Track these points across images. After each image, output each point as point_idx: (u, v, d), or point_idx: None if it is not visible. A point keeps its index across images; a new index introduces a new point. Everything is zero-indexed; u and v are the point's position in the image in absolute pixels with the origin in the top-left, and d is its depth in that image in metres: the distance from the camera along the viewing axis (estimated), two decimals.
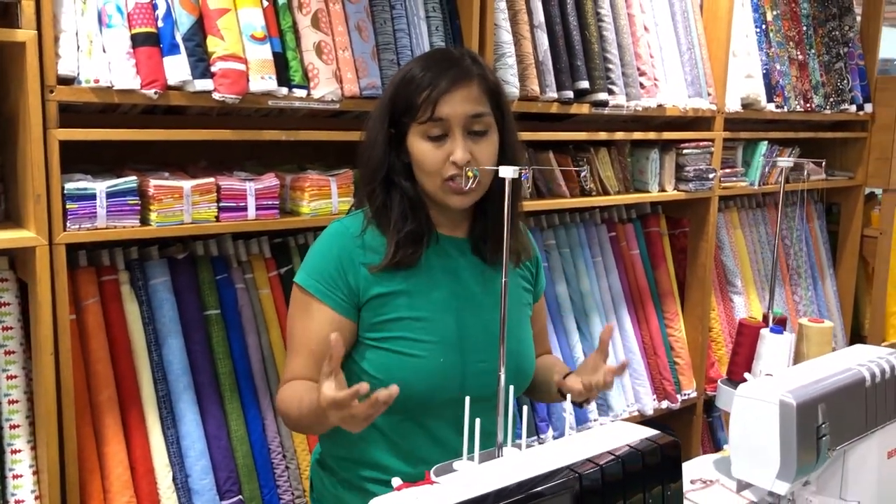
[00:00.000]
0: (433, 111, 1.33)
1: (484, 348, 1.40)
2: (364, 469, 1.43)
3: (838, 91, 3.29)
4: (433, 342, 1.37)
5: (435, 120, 1.33)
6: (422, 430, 1.40)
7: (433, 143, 1.35)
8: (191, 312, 1.87)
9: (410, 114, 1.35)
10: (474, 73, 1.37)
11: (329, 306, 1.36)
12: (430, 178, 1.37)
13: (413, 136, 1.36)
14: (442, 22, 2.09)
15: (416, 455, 1.40)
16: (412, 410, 1.38)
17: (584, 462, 0.97)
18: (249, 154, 2.14)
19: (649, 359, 2.75)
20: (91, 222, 1.62)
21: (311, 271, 1.39)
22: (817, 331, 1.68)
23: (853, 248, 3.59)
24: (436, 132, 1.34)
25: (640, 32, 2.56)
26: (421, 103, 1.34)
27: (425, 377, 1.36)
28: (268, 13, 1.79)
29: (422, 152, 1.36)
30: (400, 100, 1.37)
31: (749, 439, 1.25)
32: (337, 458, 1.47)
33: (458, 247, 1.46)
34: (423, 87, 1.34)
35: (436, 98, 1.33)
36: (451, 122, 1.34)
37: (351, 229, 1.41)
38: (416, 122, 1.35)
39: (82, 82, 1.60)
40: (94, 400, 1.73)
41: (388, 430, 1.40)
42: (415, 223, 1.39)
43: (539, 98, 2.24)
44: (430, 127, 1.34)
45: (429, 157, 1.35)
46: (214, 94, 1.71)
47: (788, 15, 3.12)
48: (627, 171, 2.64)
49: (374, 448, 1.42)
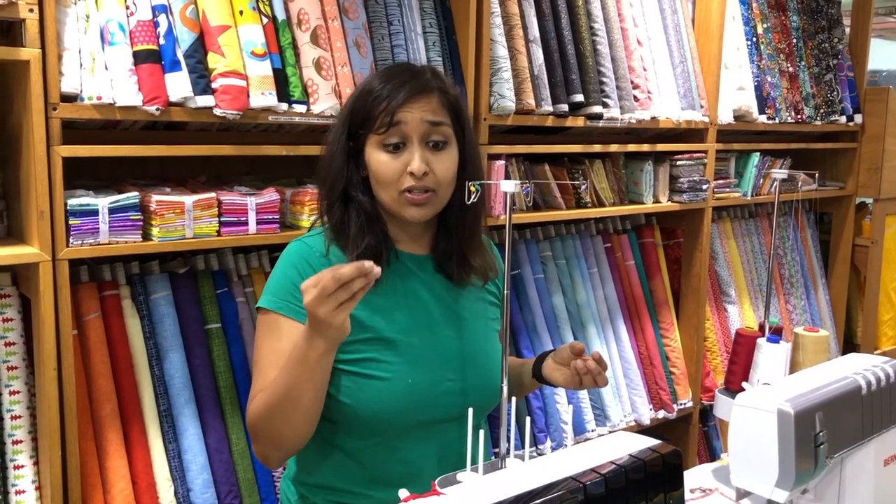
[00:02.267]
0: (391, 120, 1.32)
1: (451, 367, 1.39)
2: (334, 494, 1.41)
3: (828, 102, 3.33)
4: (400, 363, 1.35)
5: (392, 126, 1.32)
6: (393, 454, 1.38)
7: (390, 154, 1.34)
8: (192, 326, 1.88)
9: (368, 125, 1.34)
10: (434, 86, 1.36)
11: (298, 321, 1.31)
12: (387, 190, 1.35)
13: (370, 148, 1.35)
14: (439, 37, 2.12)
15: (386, 479, 1.36)
16: (382, 433, 1.37)
17: (587, 472, 0.98)
18: (248, 169, 2.15)
19: (645, 369, 2.77)
20: (94, 238, 1.63)
21: (277, 292, 1.35)
22: (813, 340, 1.70)
23: (845, 257, 3.62)
24: (393, 141, 1.33)
25: (634, 46, 2.59)
26: (379, 114, 1.33)
27: (394, 399, 1.33)
28: (268, 30, 1.82)
29: (378, 163, 1.34)
30: (358, 112, 1.36)
31: (748, 448, 1.27)
32: (308, 486, 1.44)
33: (418, 263, 1.43)
34: (382, 98, 1.33)
35: (394, 108, 1.32)
36: (409, 131, 1.33)
37: (314, 248, 1.38)
38: (374, 133, 1.34)
39: (85, 99, 1.61)
40: (97, 415, 1.74)
41: (359, 456, 1.38)
42: (372, 237, 1.36)
43: (535, 111, 2.27)
44: (387, 136, 1.33)
45: (385, 168, 1.33)
46: (215, 109, 1.73)
47: (779, 28, 3.16)
48: (622, 183, 2.67)
49: (345, 475, 1.40)
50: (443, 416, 1.38)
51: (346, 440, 1.38)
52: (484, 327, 1.48)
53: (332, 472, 1.41)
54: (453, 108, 1.39)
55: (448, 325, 1.42)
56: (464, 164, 1.41)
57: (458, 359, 1.41)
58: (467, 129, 1.42)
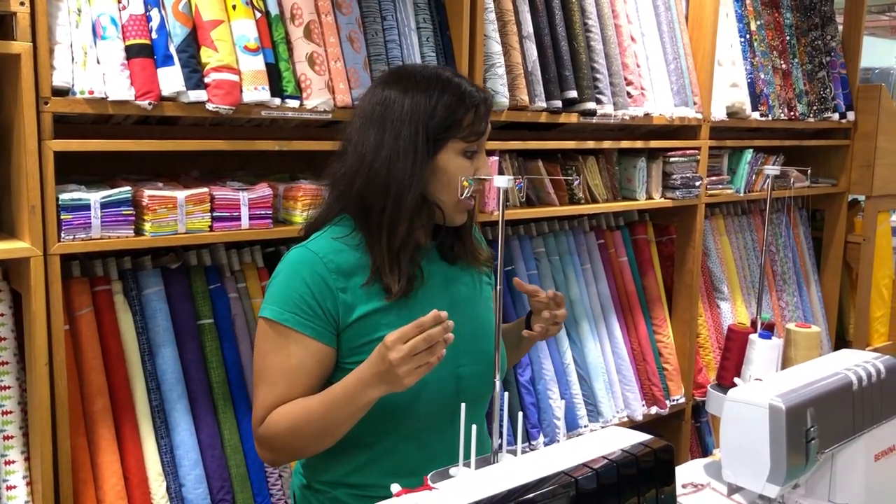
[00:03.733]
0: (483, 129, 1.36)
1: (462, 352, 1.40)
2: (354, 489, 1.41)
3: (821, 99, 3.34)
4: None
5: (481, 135, 1.36)
6: (412, 443, 1.39)
7: (468, 160, 1.36)
8: (184, 322, 1.88)
9: (454, 129, 1.34)
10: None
11: (309, 336, 1.31)
12: (454, 196, 1.36)
13: (451, 152, 1.35)
14: (432, 33, 2.11)
15: (407, 469, 1.37)
16: (401, 424, 1.37)
17: (579, 467, 0.98)
18: (240, 164, 2.15)
19: (638, 365, 2.77)
20: (85, 233, 1.63)
21: (282, 302, 1.32)
22: (805, 336, 1.70)
23: (837, 254, 3.63)
24: (473, 149, 1.37)
25: (627, 42, 2.60)
26: (472, 120, 1.35)
27: (413, 389, 1.32)
28: (261, 25, 1.81)
29: (458, 166, 1.35)
30: (447, 116, 1.34)
31: (740, 443, 1.28)
32: (325, 483, 1.44)
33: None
34: (474, 104, 1.35)
35: (483, 115, 1.36)
36: (483, 140, 1.38)
37: (320, 254, 1.34)
38: (461, 139, 1.35)
39: (77, 94, 1.61)
40: (88, 410, 1.73)
41: (380, 450, 1.39)
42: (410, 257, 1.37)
43: (528, 108, 2.27)
44: (473, 144, 1.36)
45: (463, 171, 1.35)
46: (208, 104, 1.72)
47: (772, 25, 3.17)
48: (615, 180, 2.67)
49: (366, 469, 1.40)
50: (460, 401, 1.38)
51: (368, 436, 1.38)
52: (487, 311, 1.51)
53: (352, 469, 1.41)
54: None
55: (457, 310, 1.41)
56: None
57: (469, 342, 1.42)
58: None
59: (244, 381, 1.94)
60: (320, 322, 1.32)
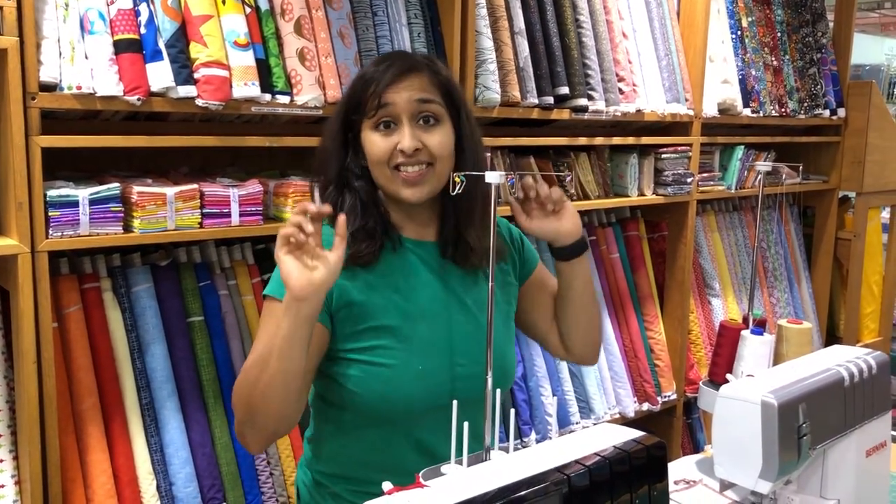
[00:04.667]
0: (379, 102, 1.33)
1: (462, 351, 1.39)
2: (357, 484, 1.41)
3: (812, 96, 3.35)
4: (408, 349, 1.35)
5: (381, 108, 1.33)
6: (409, 442, 1.38)
7: (382, 134, 1.34)
8: (174, 319, 1.86)
9: (361, 110, 1.35)
10: (423, 65, 1.37)
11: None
12: (381, 170, 1.35)
13: (365, 133, 1.36)
14: (424, 28, 2.10)
15: (404, 467, 1.33)
16: (397, 421, 1.36)
17: (572, 464, 0.98)
18: (230, 160, 2.14)
19: (630, 361, 2.77)
20: (74, 229, 1.61)
21: (277, 279, 1.33)
22: (797, 332, 1.70)
23: (828, 250, 3.64)
24: (384, 121, 1.34)
25: (619, 39, 2.59)
26: (369, 97, 1.34)
27: (404, 386, 1.33)
28: (250, 20, 1.80)
29: (371, 143, 1.35)
30: (351, 99, 1.37)
31: (732, 439, 1.27)
32: (327, 475, 1.45)
33: (426, 250, 1.43)
34: (371, 82, 1.34)
35: (382, 89, 1.33)
36: (398, 111, 1.33)
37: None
38: (367, 118, 1.35)
39: (65, 89, 1.59)
40: (77, 408, 1.72)
41: (375, 445, 1.38)
42: (365, 220, 1.37)
43: (520, 104, 2.26)
44: (377, 118, 1.34)
45: (377, 148, 1.34)
46: (198, 100, 1.71)
47: (763, 21, 3.17)
48: (607, 176, 2.67)
49: (363, 464, 1.40)
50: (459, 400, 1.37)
51: (362, 430, 1.38)
52: (496, 312, 1.46)
53: (350, 461, 1.41)
54: (444, 87, 1.38)
55: (457, 310, 1.41)
56: (462, 147, 1.40)
57: (470, 343, 1.40)
58: (463, 111, 1.41)
59: (234, 379, 1.92)
60: None
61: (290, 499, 1.98)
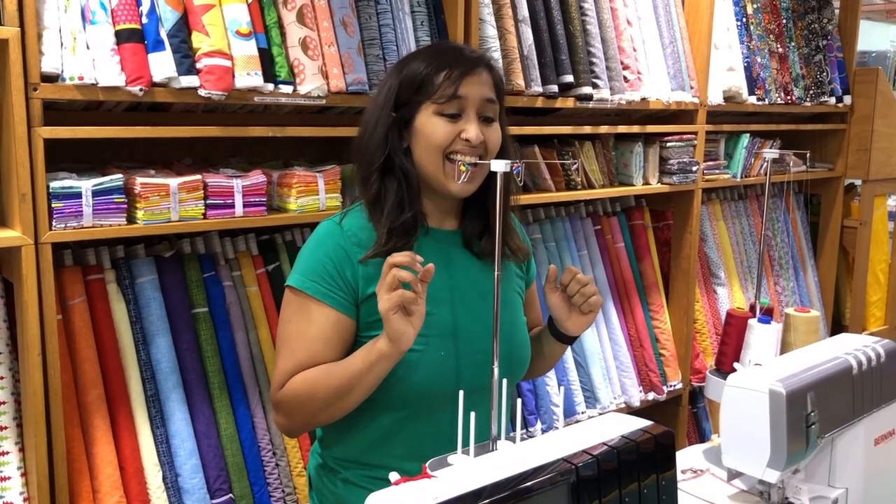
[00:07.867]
0: (455, 91, 1.35)
1: (480, 339, 1.41)
2: (369, 469, 1.42)
3: (818, 83, 3.32)
4: (431, 336, 1.37)
5: (454, 98, 1.36)
6: (426, 426, 1.40)
7: (447, 119, 1.37)
8: (178, 311, 1.86)
9: (425, 92, 1.37)
10: (485, 62, 1.42)
11: (329, 305, 1.35)
12: (433, 155, 1.37)
13: (425, 115, 1.38)
14: (427, 17, 2.09)
15: (420, 452, 1.36)
16: (415, 406, 1.38)
17: (579, 453, 0.97)
18: (233, 151, 2.13)
19: (635, 351, 2.77)
20: (77, 221, 1.61)
21: (307, 272, 1.37)
22: (804, 320, 1.70)
23: (833, 238, 3.63)
24: (451, 111, 1.37)
25: (623, 26, 2.57)
26: (441, 82, 1.36)
27: (426, 371, 1.36)
28: (253, 9, 1.78)
29: (434, 126, 1.37)
30: (411, 80, 1.38)
31: (739, 428, 1.27)
32: (340, 461, 1.46)
33: (448, 239, 1.46)
34: (443, 67, 1.37)
35: (458, 78, 1.36)
36: (468, 103, 1.37)
37: (344, 227, 1.41)
38: (432, 101, 1.37)
39: (66, 79, 1.58)
40: (82, 400, 1.72)
41: (393, 430, 1.40)
42: (410, 212, 1.39)
43: (524, 92, 2.25)
44: (447, 106, 1.36)
45: (441, 131, 1.36)
46: (200, 90, 1.70)
47: (768, 8, 3.15)
48: (612, 165, 2.66)
49: (379, 449, 1.41)
50: (476, 387, 1.38)
51: (381, 415, 1.40)
52: (511, 300, 1.51)
53: (366, 446, 1.42)
54: (498, 85, 1.44)
55: (478, 298, 1.44)
56: (504, 145, 1.45)
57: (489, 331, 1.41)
58: (503, 106, 1.47)
59: (239, 370, 1.92)
60: (341, 292, 1.36)
61: (295, 489, 1.98)
